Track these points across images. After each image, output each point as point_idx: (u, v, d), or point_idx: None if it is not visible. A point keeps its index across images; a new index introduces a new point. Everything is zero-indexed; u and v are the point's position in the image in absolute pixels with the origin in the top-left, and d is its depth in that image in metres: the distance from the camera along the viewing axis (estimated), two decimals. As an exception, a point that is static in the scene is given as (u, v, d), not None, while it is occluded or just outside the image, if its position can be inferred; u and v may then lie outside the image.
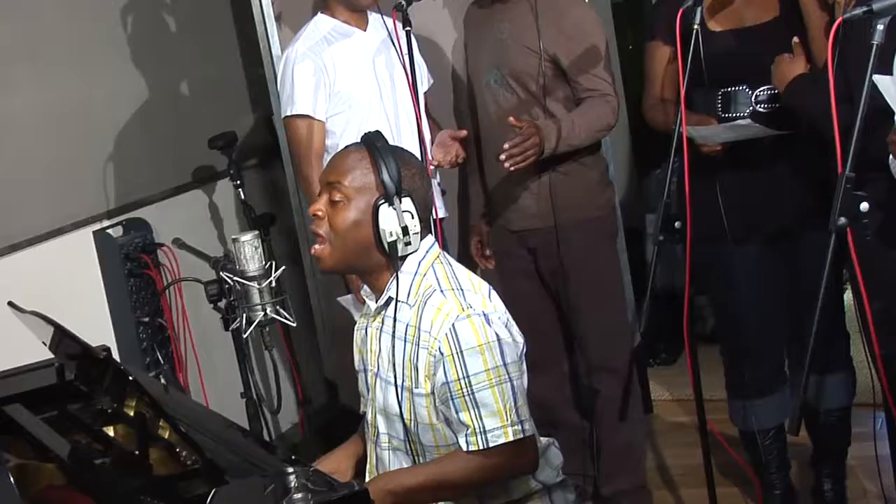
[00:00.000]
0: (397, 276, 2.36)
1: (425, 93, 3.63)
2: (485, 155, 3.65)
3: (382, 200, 2.31)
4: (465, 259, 3.83)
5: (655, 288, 3.03)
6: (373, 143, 2.35)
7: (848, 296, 3.50)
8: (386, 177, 2.30)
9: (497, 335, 2.28)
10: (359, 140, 2.41)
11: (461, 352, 2.25)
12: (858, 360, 3.43)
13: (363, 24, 3.56)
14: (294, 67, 3.45)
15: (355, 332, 2.58)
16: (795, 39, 3.06)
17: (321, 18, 3.54)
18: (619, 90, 4.46)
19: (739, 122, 3.19)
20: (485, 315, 2.29)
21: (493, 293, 2.40)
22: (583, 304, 3.57)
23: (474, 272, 3.63)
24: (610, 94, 3.44)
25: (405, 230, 2.31)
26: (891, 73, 2.48)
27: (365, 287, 2.49)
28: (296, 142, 3.52)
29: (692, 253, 2.98)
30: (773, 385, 3.46)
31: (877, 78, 2.34)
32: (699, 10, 2.97)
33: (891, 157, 2.55)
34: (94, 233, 3.67)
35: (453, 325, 2.26)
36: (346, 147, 2.43)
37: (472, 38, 3.66)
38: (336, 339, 4.03)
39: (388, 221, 2.31)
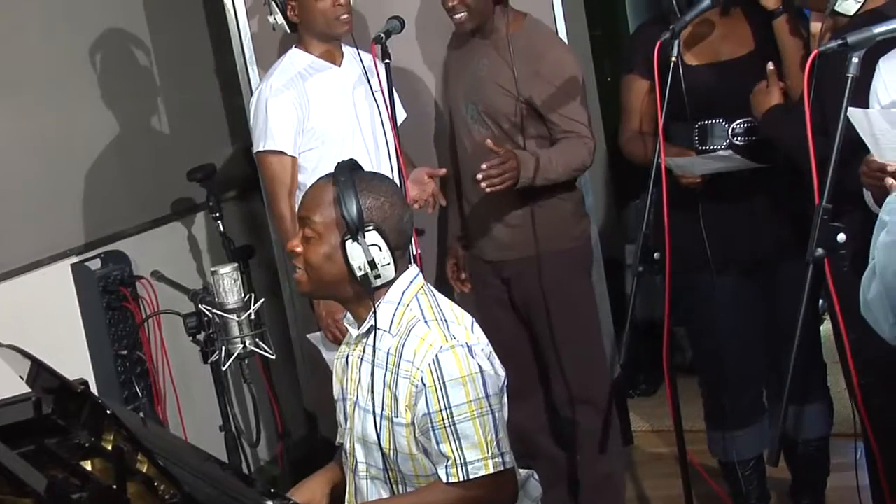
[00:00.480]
0: (374, 308, 2.36)
1: (398, 127, 3.64)
2: (462, 186, 3.66)
3: (348, 236, 2.31)
4: (442, 287, 3.83)
5: (635, 319, 3.04)
6: (337, 177, 2.35)
7: (825, 326, 3.52)
8: (346, 213, 2.30)
9: (480, 367, 2.28)
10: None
11: (444, 383, 2.25)
12: (837, 390, 3.45)
13: (338, 59, 3.56)
14: (268, 102, 3.45)
15: (335, 360, 2.58)
16: (770, 66, 3.08)
17: (295, 53, 3.54)
18: (598, 122, 4.50)
19: (720, 153, 3.21)
20: (468, 347, 2.29)
21: (476, 325, 2.40)
22: (558, 336, 3.57)
23: (451, 297, 3.67)
24: (586, 136, 3.45)
25: (372, 263, 2.31)
26: (865, 106, 2.50)
27: (348, 315, 2.49)
28: (268, 178, 3.52)
29: (671, 284, 2.99)
30: (752, 416, 3.47)
31: (850, 111, 2.37)
32: (676, 43, 3.00)
33: (864, 188, 2.57)
34: (72, 265, 3.65)
35: (437, 355, 2.26)
36: (317, 181, 2.43)
37: (452, 71, 3.68)
38: (315, 370, 4.02)
39: (356, 257, 2.31)
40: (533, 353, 3.70)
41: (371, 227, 2.30)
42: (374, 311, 2.36)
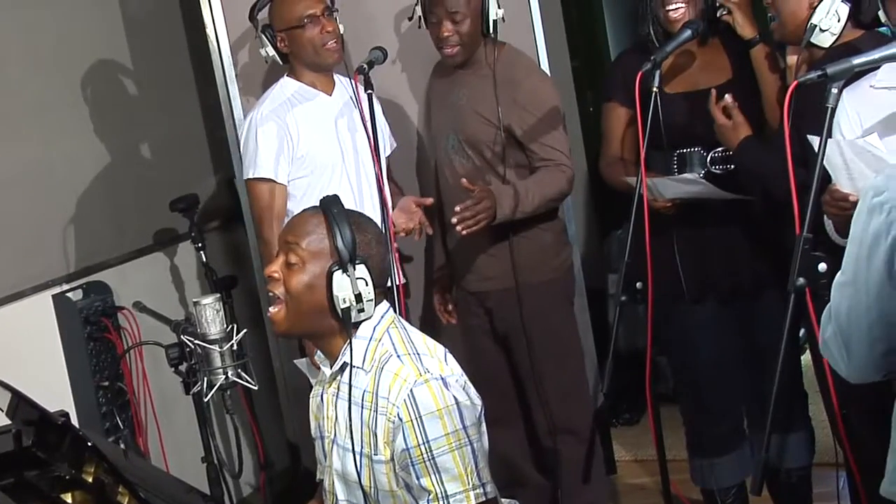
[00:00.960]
0: (351, 342, 2.35)
1: (388, 156, 3.65)
2: (445, 217, 3.67)
3: (336, 267, 2.31)
4: (430, 318, 3.83)
5: (618, 348, 3.04)
6: (329, 208, 2.35)
7: (805, 356, 3.54)
8: (340, 243, 2.30)
9: (455, 398, 2.27)
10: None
11: (420, 417, 2.24)
12: (819, 419, 3.46)
13: (329, 88, 3.57)
14: (258, 129, 3.46)
15: (311, 398, 2.57)
16: (728, 98, 3.11)
17: (287, 82, 3.55)
18: (580, 152, 4.51)
19: (686, 175, 3.24)
20: (442, 379, 2.28)
21: (449, 356, 2.39)
22: (541, 365, 3.57)
23: (439, 329, 3.67)
24: (565, 164, 3.46)
25: (359, 297, 2.31)
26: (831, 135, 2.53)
27: (319, 353, 2.47)
28: (257, 204, 3.53)
29: (653, 313, 3.00)
30: (732, 443, 3.48)
31: (812, 139, 2.40)
32: (658, 73, 3.02)
33: (825, 217, 2.59)
34: (54, 296, 3.65)
35: (411, 390, 2.25)
36: (305, 210, 2.43)
37: (434, 103, 3.70)
38: (298, 401, 4.00)
39: (342, 288, 2.30)
40: (516, 382, 3.70)
41: (360, 261, 2.31)
42: (351, 346, 2.35)
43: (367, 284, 2.30)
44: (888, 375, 2.00)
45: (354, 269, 2.30)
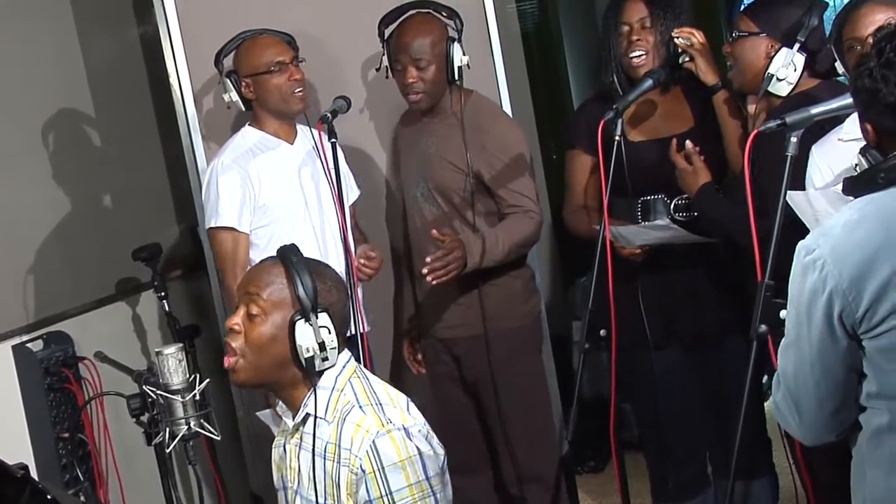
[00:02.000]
0: (315, 392, 2.33)
1: (353, 204, 3.65)
2: (414, 265, 3.67)
3: (299, 316, 2.30)
4: (398, 365, 3.82)
5: (582, 395, 3.05)
6: (288, 257, 2.34)
7: (769, 402, 3.55)
8: (302, 292, 2.29)
9: (418, 449, 2.26)
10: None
11: (383, 468, 2.23)
12: (783, 465, 3.47)
13: (291, 137, 3.58)
14: (219, 178, 3.46)
15: (273, 449, 2.55)
16: (689, 145, 3.16)
17: (248, 131, 3.55)
18: (544, 198, 4.53)
19: (657, 222, 3.26)
20: (405, 429, 2.27)
21: (412, 405, 2.38)
22: (508, 413, 3.57)
23: (406, 378, 3.66)
24: (533, 210, 3.48)
25: (322, 346, 2.30)
26: (801, 188, 2.56)
27: (280, 403, 2.46)
28: (220, 254, 3.52)
29: (617, 359, 3.01)
30: (697, 488, 3.49)
31: (790, 194, 2.42)
32: (620, 122, 3.05)
33: None
34: (13, 347, 3.60)
35: (374, 441, 2.24)
36: (264, 260, 2.42)
37: (402, 151, 3.71)
38: (261, 451, 3.97)
39: (305, 337, 2.29)
40: (484, 430, 3.69)
41: (322, 309, 2.30)
42: (315, 396, 2.33)
43: (329, 333, 2.30)
44: (841, 435, 2.03)
45: (317, 317, 2.29)
